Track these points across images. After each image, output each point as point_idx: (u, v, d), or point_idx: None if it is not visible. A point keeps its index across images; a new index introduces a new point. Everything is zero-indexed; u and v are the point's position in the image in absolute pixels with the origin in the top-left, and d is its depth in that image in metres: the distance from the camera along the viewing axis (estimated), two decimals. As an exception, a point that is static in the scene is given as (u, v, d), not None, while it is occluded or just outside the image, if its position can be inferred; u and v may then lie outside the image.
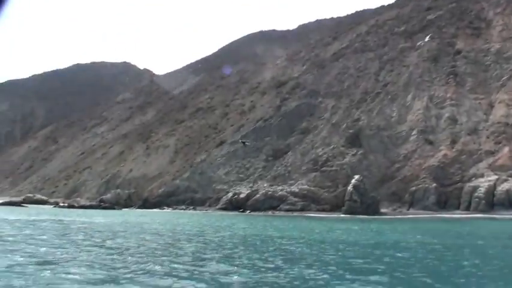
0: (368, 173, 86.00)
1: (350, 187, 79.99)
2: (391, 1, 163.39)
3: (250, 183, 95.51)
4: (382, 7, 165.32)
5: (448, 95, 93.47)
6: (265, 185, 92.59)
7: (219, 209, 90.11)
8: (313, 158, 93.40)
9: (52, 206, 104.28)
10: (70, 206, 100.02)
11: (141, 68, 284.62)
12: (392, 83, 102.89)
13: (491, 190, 74.50)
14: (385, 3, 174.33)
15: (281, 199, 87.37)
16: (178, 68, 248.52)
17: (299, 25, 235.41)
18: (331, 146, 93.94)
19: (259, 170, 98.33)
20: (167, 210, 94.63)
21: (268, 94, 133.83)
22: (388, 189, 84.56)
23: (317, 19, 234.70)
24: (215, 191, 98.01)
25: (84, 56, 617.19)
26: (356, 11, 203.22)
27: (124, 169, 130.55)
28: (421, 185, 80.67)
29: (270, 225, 52.20)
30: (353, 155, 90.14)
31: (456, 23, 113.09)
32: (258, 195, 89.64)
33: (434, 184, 79.61)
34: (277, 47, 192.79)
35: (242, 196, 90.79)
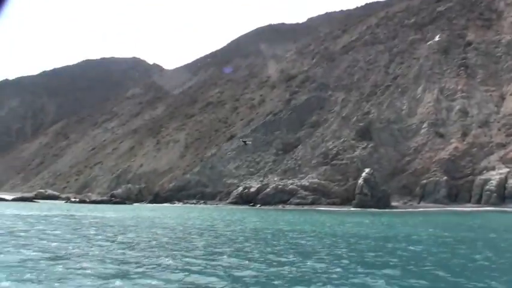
0: (378, 166, 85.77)
1: (360, 180, 79.79)
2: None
3: (260, 177, 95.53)
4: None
5: (459, 87, 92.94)
6: (275, 179, 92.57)
7: (230, 203, 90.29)
8: (323, 152, 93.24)
9: (63, 202, 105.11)
10: (81, 201, 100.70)
11: (151, 63, 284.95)
12: (402, 76, 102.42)
13: (502, 183, 74.16)
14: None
15: (291, 193, 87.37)
16: (187, 63, 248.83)
17: (308, 18, 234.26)
18: (341, 140, 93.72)
19: (269, 164, 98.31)
20: (178, 204, 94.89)
21: (277, 88, 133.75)
22: (399, 182, 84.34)
23: (326, 12, 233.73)
24: (225, 185, 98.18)
25: (93, 52, 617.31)
26: (365, 3, 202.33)
27: (134, 164, 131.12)
28: (432, 178, 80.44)
29: (281, 219, 52.20)
30: (363, 148, 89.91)
31: (466, 15, 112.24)
32: (268, 189, 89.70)
33: (445, 177, 79.34)
34: (286, 41, 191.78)
35: (252, 190, 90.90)
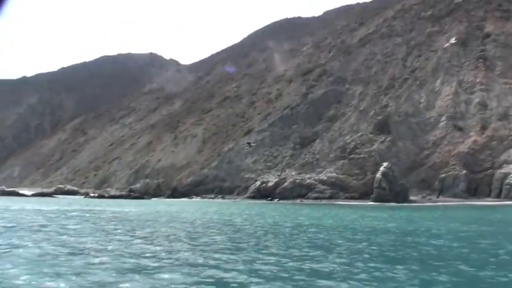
0: (397, 160, 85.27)
1: (379, 174, 79.38)
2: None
3: (278, 171, 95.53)
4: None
5: (478, 80, 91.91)
6: (293, 173, 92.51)
7: (247, 198, 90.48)
8: (341, 146, 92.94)
9: (83, 197, 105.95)
10: (100, 196, 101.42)
11: (167, 59, 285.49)
12: (420, 69, 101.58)
13: (522, 177, 73.42)
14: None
15: (309, 187, 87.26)
16: (204, 58, 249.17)
17: (324, 11, 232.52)
18: (359, 133, 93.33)
19: (286, 158, 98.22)
20: (196, 199, 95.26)
21: (294, 82, 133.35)
22: (417, 176, 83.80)
23: (342, 5, 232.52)
24: (243, 180, 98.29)
25: (110, 49, 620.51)
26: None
27: (153, 159, 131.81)
28: (451, 172, 79.78)
29: (300, 213, 52.18)
30: (381, 142, 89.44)
31: (484, 6, 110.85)
32: (286, 183, 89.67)
33: (464, 171, 78.67)
34: (302, 34, 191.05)
35: (270, 184, 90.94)
